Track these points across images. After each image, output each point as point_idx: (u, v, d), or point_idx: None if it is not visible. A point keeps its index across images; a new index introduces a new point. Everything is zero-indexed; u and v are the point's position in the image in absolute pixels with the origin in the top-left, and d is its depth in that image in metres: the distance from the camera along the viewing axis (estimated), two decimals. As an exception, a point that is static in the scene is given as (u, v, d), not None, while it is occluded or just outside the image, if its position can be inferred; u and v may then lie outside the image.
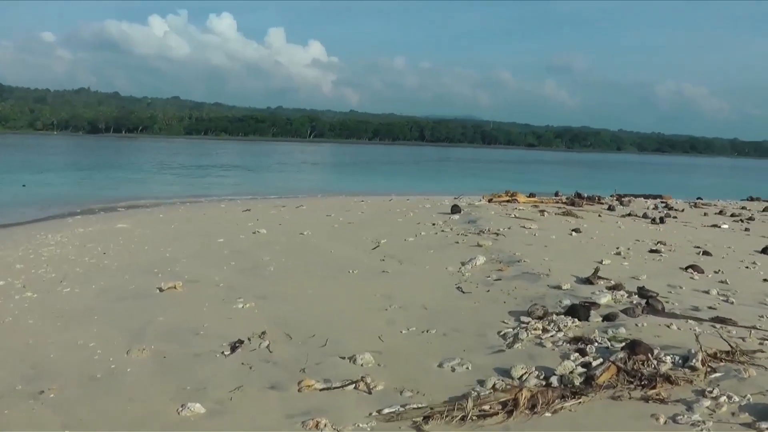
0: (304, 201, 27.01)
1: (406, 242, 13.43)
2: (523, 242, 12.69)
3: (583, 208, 20.18)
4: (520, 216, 16.88)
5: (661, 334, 6.85)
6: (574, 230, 14.59)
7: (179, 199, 28.39)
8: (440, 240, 13.40)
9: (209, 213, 21.19)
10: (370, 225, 16.48)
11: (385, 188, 40.96)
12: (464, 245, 12.50)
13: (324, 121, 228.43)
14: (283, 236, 14.75)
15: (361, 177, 55.08)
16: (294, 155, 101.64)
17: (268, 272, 10.78)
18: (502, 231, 13.96)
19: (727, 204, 26.15)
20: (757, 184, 70.24)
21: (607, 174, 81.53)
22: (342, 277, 10.27)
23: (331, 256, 12.15)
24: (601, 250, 12.36)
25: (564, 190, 42.83)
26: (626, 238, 14.22)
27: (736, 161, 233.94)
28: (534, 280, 9.35)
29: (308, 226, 16.20)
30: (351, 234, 15.00)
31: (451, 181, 54.73)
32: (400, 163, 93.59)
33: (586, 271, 10.04)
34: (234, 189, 36.08)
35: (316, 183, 47.24)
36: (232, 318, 8.14)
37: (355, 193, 36.33)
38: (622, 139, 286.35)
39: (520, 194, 22.98)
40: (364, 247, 13.06)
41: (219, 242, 14.08)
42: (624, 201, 22.71)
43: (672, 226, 17.07)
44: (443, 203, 22.24)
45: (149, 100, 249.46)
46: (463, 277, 9.91)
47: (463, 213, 17.55)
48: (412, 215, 18.10)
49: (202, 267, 11.29)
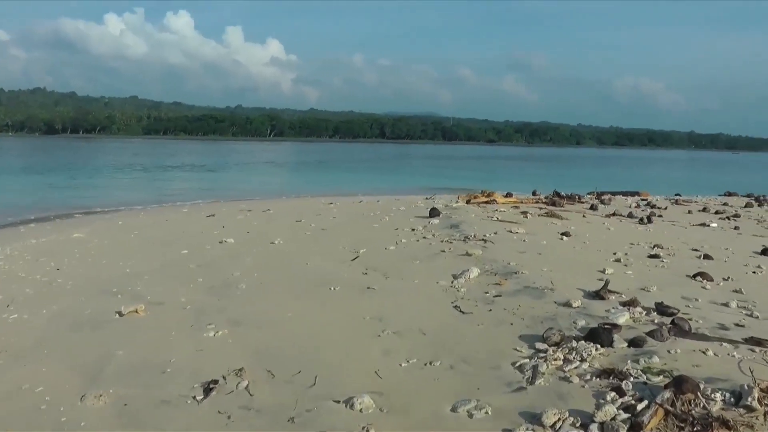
0: (271, 204, 25.89)
1: (387, 251, 12.45)
2: (514, 249, 11.80)
3: (565, 208, 19.43)
4: (504, 219, 16.02)
5: (699, 362, 6.00)
6: (564, 234, 13.76)
7: (139, 204, 27.02)
8: (424, 248, 12.45)
9: (172, 219, 19.98)
10: (345, 231, 15.47)
11: (352, 188, 40.13)
12: (452, 254, 11.56)
13: (284, 120, 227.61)
14: (253, 246, 13.68)
15: (325, 177, 54.01)
16: (255, 155, 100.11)
17: (239, 290, 9.72)
18: (489, 237, 13.07)
19: (708, 200, 25.70)
20: (725, 177, 70.76)
21: (575, 170, 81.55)
22: (323, 295, 9.25)
23: (308, 269, 11.12)
24: (598, 256, 11.54)
25: (533, 186, 42.42)
26: (619, 241, 13.44)
27: (694, 153, 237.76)
28: (539, 296, 8.44)
29: (279, 234, 15.15)
30: (326, 242, 13.98)
31: (419, 179, 54.02)
32: (363, 160, 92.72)
33: (590, 282, 9.21)
34: (196, 192, 34.70)
35: (281, 184, 46.05)
36: (203, 349, 7.09)
37: (321, 193, 35.39)
38: (582, 133, 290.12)
39: (497, 194, 22.20)
40: (343, 257, 12.06)
41: (183, 254, 12.97)
42: (604, 200, 22.02)
43: (660, 226, 16.36)
44: (418, 205, 21.34)
45: (107, 100, 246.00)
46: (459, 293, 8.96)
47: (442, 216, 16.64)
48: (388, 219, 17.14)
49: (166, 285, 10.19)
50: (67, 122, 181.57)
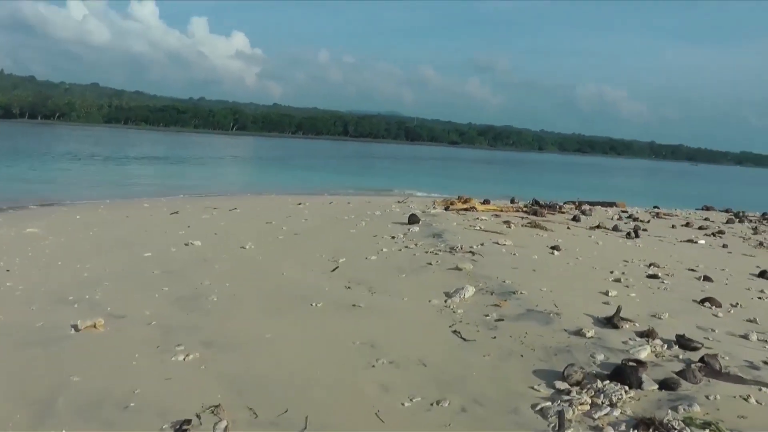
0: (237, 202, 24.91)
1: (368, 262, 11.59)
2: (505, 264, 11.03)
3: (547, 218, 18.77)
4: (487, 229, 15.28)
5: (744, 412, 5.28)
6: (554, 248, 13.06)
7: (99, 198, 25.69)
8: (408, 260, 11.61)
9: (133, 215, 18.84)
10: (320, 237, 14.58)
11: (318, 187, 39.39)
12: (440, 268, 10.74)
13: (247, 114, 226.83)
14: (222, 250, 12.72)
15: (291, 174, 52.95)
16: (218, 149, 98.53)
17: (210, 304, 8.77)
18: (476, 249, 12.29)
19: (689, 214, 25.32)
20: (695, 189, 71.27)
21: (545, 176, 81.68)
22: (304, 312, 8.35)
23: (285, 279, 10.20)
24: (595, 275, 10.83)
25: (506, 191, 42.06)
26: (612, 258, 12.77)
27: (655, 163, 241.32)
28: (545, 322, 7.66)
29: (249, 237, 14.22)
30: (301, 248, 13.08)
31: (386, 179, 53.39)
32: (327, 158, 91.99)
33: (595, 306, 8.50)
34: (158, 186, 33.38)
35: (246, 179, 44.96)
36: (172, 378, 6.16)
37: (288, 192, 34.54)
38: (544, 139, 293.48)
39: (475, 201, 21.51)
40: (321, 267, 11.17)
41: (146, 257, 11.96)
42: (585, 210, 21.43)
43: (648, 242, 15.77)
44: (393, 209, 20.54)
45: (67, 86, 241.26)
46: (455, 315, 8.15)
47: (422, 224, 15.84)
48: (365, 225, 16.28)
49: (128, 294, 9.20)
50: (25, 107, 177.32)
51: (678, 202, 35.95)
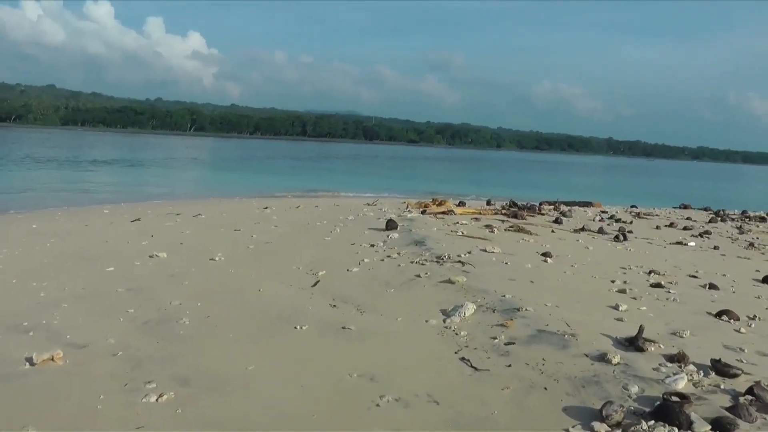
0: (201, 207, 23.84)
1: (350, 274, 10.70)
2: (500, 276, 10.23)
3: (528, 221, 18.05)
4: (471, 234, 14.49)
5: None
6: (545, 255, 12.32)
7: (56, 205, 24.23)
8: (394, 271, 10.74)
9: (93, 224, 17.66)
10: (294, 246, 13.66)
11: (282, 188, 38.47)
12: (430, 281, 9.89)
13: (205, 115, 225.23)
14: (190, 263, 11.73)
15: (252, 175, 51.80)
16: (177, 150, 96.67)
17: (182, 328, 7.81)
18: (464, 258, 11.47)
19: (669, 213, 24.87)
20: (660, 186, 71.47)
21: (511, 174, 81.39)
22: (289, 338, 7.44)
23: (262, 297, 9.27)
24: (596, 285, 10.09)
25: (473, 190, 41.52)
26: (607, 264, 12.08)
27: (613, 160, 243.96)
28: (561, 345, 6.87)
29: (217, 247, 13.25)
30: (275, 260, 12.14)
31: (350, 180, 52.55)
32: (288, 159, 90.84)
33: (609, 322, 7.79)
34: (118, 191, 31.95)
35: (207, 182, 43.63)
36: (145, 426, 5.24)
37: (251, 194, 33.59)
38: (502, 136, 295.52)
39: (450, 203, 20.79)
40: (300, 281, 10.26)
41: (108, 272, 10.92)
42: (566, 212, 20.77)
43: (638, 245, 15.12)
44: (366, 213, 19.68)
45: (23, 88, 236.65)
46: (459, 338, 7.31)
47: (401, 229, 15.00)
48: (339, 231, 15.38)
49: (89, 318, 8.19)
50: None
51: (652, 201, 35.68)
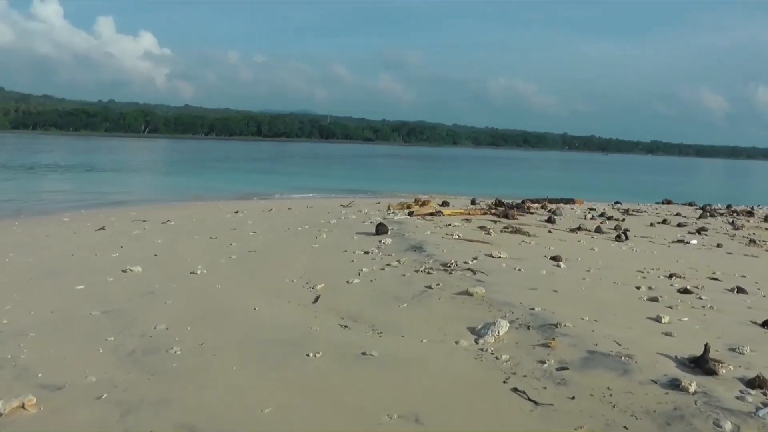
0: (166, 211, 22.58)
1: (352, 287, 9.68)
2: (519, 285, 9.31)
3: (519, 220, 17.22)
4: (468, 238, 13.56)
5: None
6: (554, 259, 11.45)
7: (12, 214, 22.50)
8: (399, 282, 9.75)
9: (54, 234, 16.29)
10: (280, 254, 12.60)
11: (246, 189, 37.36)
12: (444, 293, 8.92)
13: (159, 116, 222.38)
14: (170, 278, 10.59)
15: (214, 177, 50.27)
16: (132, 152, 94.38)
17: (175, 359, 6.70)
18: (472, 265, 10.54)
19: (656, 209, 24.30)
20: (626, 180, 71.54)
21: (473, 171, 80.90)
22: (302, 369, 6.40)
23: (259, 318, 8.20)
24: (624, 293, 9.25)
25: (443, 188, 40.72)
26: (621, 267, 11.28)
27: (569, 155, 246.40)
28: (621, 370, 5.96)
29: (196, 258, 12.16)
30: (263, 271, 11.06)
31: (315, 179, 51.52)
32: (246, 159, 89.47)
33: (658, 338, 6.98)
34: (77, 197, 30.20)
35: (168, 186, 41.81)
36: (149, 500, 4.18)
37: (216, 196, 32.39)
38: (458, 133, 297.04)
39: (434, 202, 19.89)
40: (298, 296, 9.21)
41: (79, 291, 9.74)
42: (555, 210, 19.98)
43: (641, 245, 14.39)
44: (348, 217, 18.69)
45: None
46: (501, 362, 6.35)
47: (392, 234, 14.02)
48: (326, 237, 14.35)
49: (63, 349, 7.03)
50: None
51: (629, 196, 35.35)
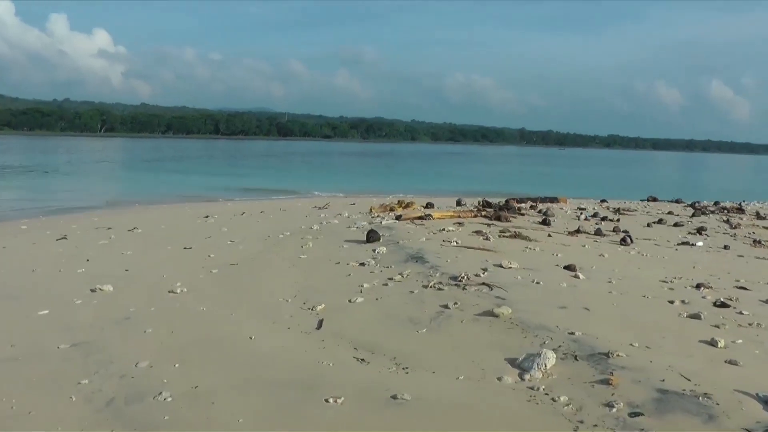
0: (132, 217, 21.36)
1: (356, 307, 8.61)
2: (544, 302, 8.34)
3: (512, 222, 16.31)
4: (468, 245, 12.56)
5: None
6: (569, 269, 10.54)
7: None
8: (408, 300, 8.69)
9: (11, 245, 14.79)
10: (266, 268, 11.47)
11: (211, 190, 36.33)
12: (464, 314, 7.88)
13: (115, 115, 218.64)
14: (146, 298, 9.40)
15: (175, 178, 48.67)
16: (89, 152, 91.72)
17: (165, 411, 5.54)
18: (484, 277, 9.56)
19: (645, 207, 23.62)
20: (595, 177, 71.33)
21: (438, 167, 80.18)
22: (326, 422, 5.29)
23: (259, 350, 7.05)
24: (658, 309, 8.34)
25: (409, 186, 39.81)
26: (642, 277, 10.47)
27: (527, 149, 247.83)
28: (705, 415, 5.02)
29: (172, 273, 10.99)
30: (251, 289, 9.92)
31: (279, 177, 50.46)
32: (206, 157, 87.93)
33: (726, 370, 6.11)
34: (34, 202, 28.50)
35: (129, 187, 40.21)
36: None
37: (180, 199, 31.16)
38: (416, 129, 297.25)
39: (417, 204, 18.98)
40: (298, 321, 8.09)
41: (43, 317, 8.51)
42: (546, 210, 19.07)
43: (649, 249, 13.60)
44: (331, 222, 17.68)
45: None
46: (559, 404, 5.34)
47: (385, 241, 12.99)
48: (312, 246, 13.24)
49: (27, 399, 5.82)
50: None
51: (605, 192, 34.76)
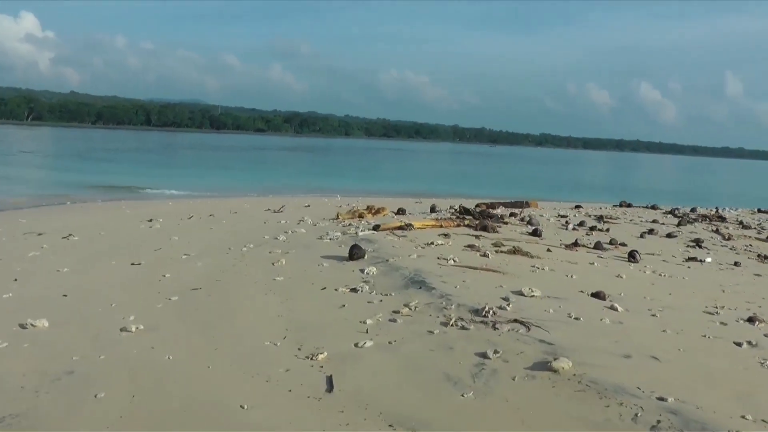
0: (65, 218, 19.27)
1: (368, 356, 6.82)
2: (599, 347, 6.70)
3: (499, 232, 14.79)
4: (469, 264, 10.89)
5: None
6: (597, 297, 9.07)
7: None
8: (433, 346, 6.93)
9: None
10: (236, 293, 9.60)
11: (149, 186, 34.09)
12: (509, 367, 6.22)
13: (43, 103, 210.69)
14: (92, 340, 7.42)
15: (106, 171, 45.82)
16: (15, 142, 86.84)
17: None
18: (510, 309, 7.95)
19: (624, 214, 22.45)
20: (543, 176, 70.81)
21: (380, 164, 78.85)
22: None
23: (253, 427, 5.33)
24: (728, 355, 6.92)
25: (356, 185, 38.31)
26: (680, 306, 9.13)
27: (460, 146, 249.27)
28: None
29: (122, 300, 9.08)
30: (225, 326, 8.03)
31: (218, 173, 48.14)
32: (140, 150, 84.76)
33: None
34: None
35: (60, 181, 36.87)
36: None
37: (114, 194, 28.97)
38: (350, 124, 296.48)
39: (387, 209, 17.42)
40: (300, 379, 6.27)
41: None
42: (530, 218, 17.54)
43: (660, 267, 12.33)
44: (297, 231, 15.98)
45: None
46: None
47: (372, 259, 11.23)
48: (286, 264, 11.33)
49: None
50: None
51: (558, 192, 33.83)
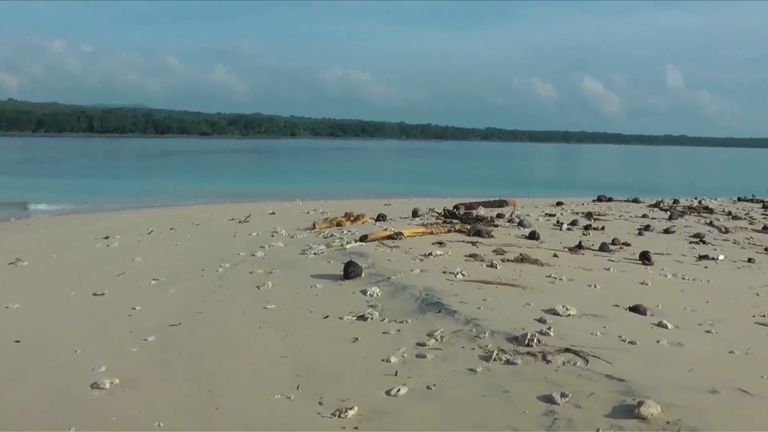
0: (9, 236, 17.61)
1: (403, 405, 5.60)
2: (678, 381, 5.63)
3: (494, 237, 13.75)
4: (482, 279, 9.70)
5: None
6: (636, 311, 8.08)
7: None
8: (485, 391, 5.67)
9: None
10: (223, 329, 8.21)
11: (98, 197, 32.45)
12: (586, 414, 5.01)
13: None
14: (56, 404, 6.08)
15: (50, 180, 43.65)
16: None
17: None
18: (554, 335, 6.84)
19: (610, 209, 21.66)
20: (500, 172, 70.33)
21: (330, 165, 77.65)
22: None
23: None
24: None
25: (311, 187, 37.14)
26: (726, 317, 8.35)
27: (407, 143, 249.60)
28: None
29: (87, 344, 7.65)
30: (218, 375, 6.67)
31: (166, 180, 46.35)
32: (86, 157, 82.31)
33: None
34: None
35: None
36: None
37: (68, 209, 27.22)
38: (296, 124, 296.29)
39: (367, 216, 16.36)
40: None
41: None
42: (521, 220, 16.52)
43: (678, 269, 11.63)
44: (275, 245, 14.75)
45: None
46: None
47: (371, 276, 9.99)
48: (272, 287, 9.96)
49: None
50: None
51: (525, 190, 33.09)
